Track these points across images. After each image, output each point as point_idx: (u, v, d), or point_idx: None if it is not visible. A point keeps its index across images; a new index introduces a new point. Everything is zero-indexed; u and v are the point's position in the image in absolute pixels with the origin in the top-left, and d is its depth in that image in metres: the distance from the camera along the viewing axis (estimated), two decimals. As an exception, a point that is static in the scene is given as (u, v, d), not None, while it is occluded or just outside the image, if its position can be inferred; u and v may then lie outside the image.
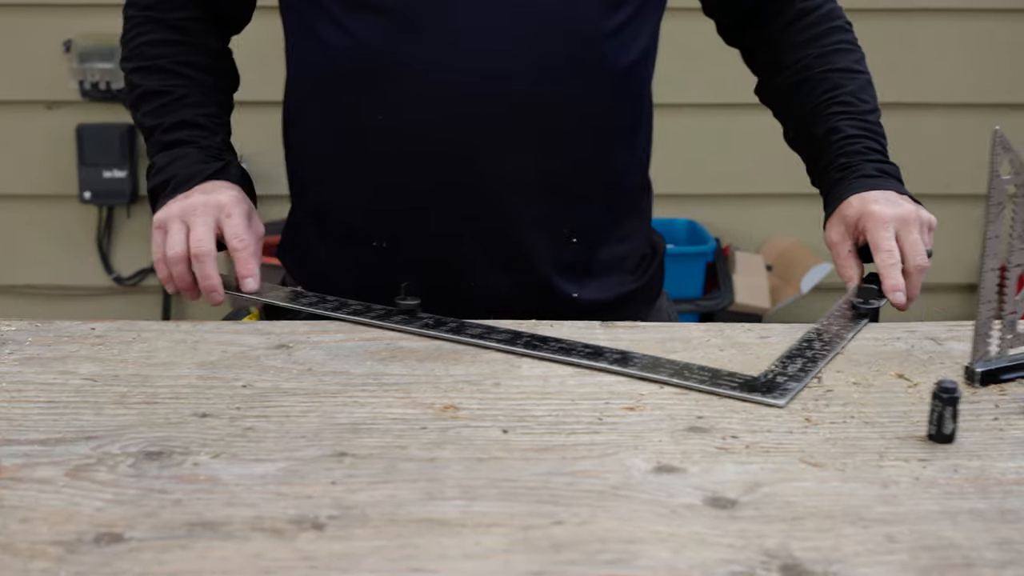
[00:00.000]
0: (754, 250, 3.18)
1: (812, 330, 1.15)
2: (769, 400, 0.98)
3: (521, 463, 0.86)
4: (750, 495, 0.82)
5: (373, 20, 1.22)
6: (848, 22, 1.42)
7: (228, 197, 1.25)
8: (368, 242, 1.29)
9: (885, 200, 1.26)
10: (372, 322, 1.17)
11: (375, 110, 1.24)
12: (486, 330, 1.13)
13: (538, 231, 1.27)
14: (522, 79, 1.22)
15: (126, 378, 1.02)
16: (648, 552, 0.74)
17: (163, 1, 1.36)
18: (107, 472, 0.84)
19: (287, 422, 0.93)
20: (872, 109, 1.36)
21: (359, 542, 0.75)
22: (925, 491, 0.83)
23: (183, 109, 1.33)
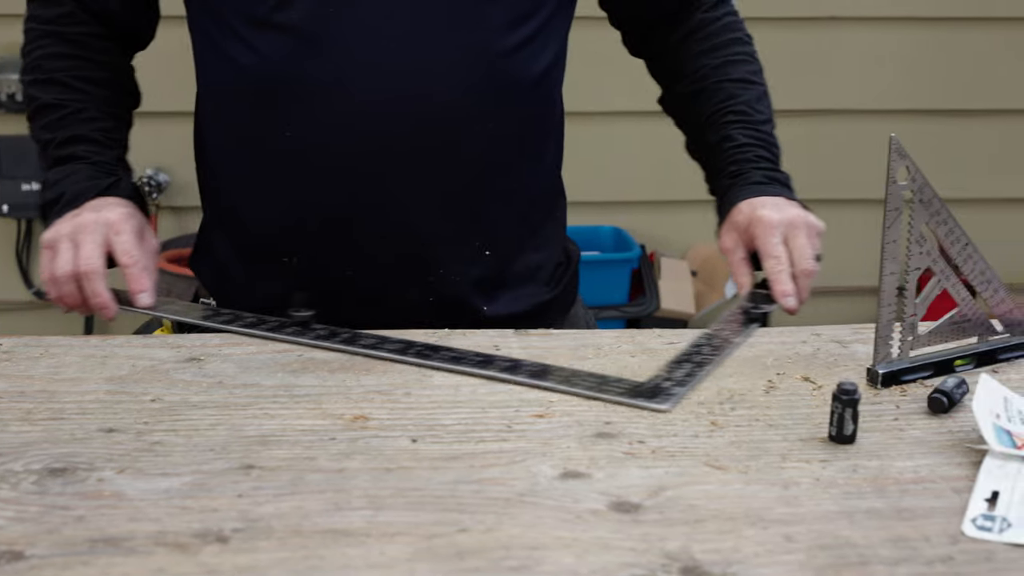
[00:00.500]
0: (679, 256, 3.21)
1: (703, 335, 1.17)
2: (653, 405, 0.99)
3: (429, 472, 0.87)
4: (654, 499, 0.83)
5: (277, 38, 1.23)
6: (748, 35, 1.44)
7: (117, 214, 1.24)
8: (279, 258, 1.29)
9: (773, 206, 1.27)
10: (264, 334, 1.16)
11: (281, 127, 1.24)
12: (379, 340, 1.13)
13: (449, 246, 1.28)
14: (425, 96, 1.23)
15: (32, 394, 1.01)
16: (551, 558, 0.75)
17: (63, 15, 1.34)
18: (9, 490, 0.83)
19: (195, 435, 0.93)
20: (766, 120, 1.37)
21: (263, 554, 0.75)
22: (824, 491, 0.85)
23: (77, 124, 1.31)
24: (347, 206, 1.25)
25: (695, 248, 3.21)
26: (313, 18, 1.21)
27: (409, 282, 1.28)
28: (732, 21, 1.43)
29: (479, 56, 1.25)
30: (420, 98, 1.22)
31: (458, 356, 1.09)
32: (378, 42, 1.21)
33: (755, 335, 1.18)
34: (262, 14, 1.23)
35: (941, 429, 0.97)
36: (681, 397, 1.01)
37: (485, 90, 1.25)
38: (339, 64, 1.21)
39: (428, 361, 1.08)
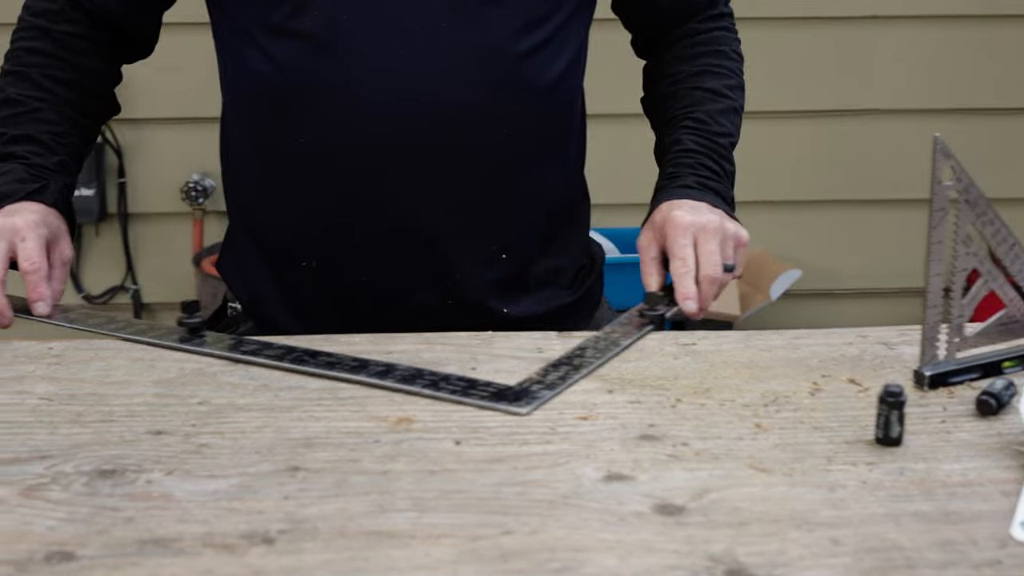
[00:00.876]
0: (723, 258, 3.20)
1: (591, 337, 1.16)
2: (513, 408, 0.98)
3: (473, 474, 0.87)
4: (698, 501, 0.83)
5: (292, 45, 1.25)
6: (737, 52, 1.44)
7: (25, 220, 1.23)
8: (299, 262, 1.31)
9: (690, 208, 1.26)
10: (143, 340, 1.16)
11: (295, 133, 1.26)
12: (261, 346, 1.13)
13: (463, 249, 1.29)
14: (437, 100, 1.24)
15: (82, 397, 1.02)
16: (595, 560, 0.75)
17: (53, 11, 1.35)
18: (60, 491, 0.85)
19: (241, 438, 0.94)
20: (724, 133, 1.35)
21: (309, 555, 0.76)
22: (871, 494, 0.85)
23: (31, 123, 1.31)
24: (362, 211, 1.27)
25: (739, 250, 3.19)
26: (326, 25, 1.23)
27: (426, 286, 1.29)
28: (722, 36, 1.43)
29: (492, 60, 1.25)
30: (432, 103, 1.24)
31: (333, 361, 1.08)
32: (390, 48, 1.23)
33: (800, 337, 1.17)
34: (277, 21, 1.25)
35: (989, 431, 0.96)
36: (546, 401, 1.00)
37: (499, 94, 1.26)
38: (352, 70, 1.23)
39: (303, 367, 1.07)
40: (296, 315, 1.33)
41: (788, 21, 3.01)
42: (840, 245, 3.18)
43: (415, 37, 1.23)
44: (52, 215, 1.28)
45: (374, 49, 1.23)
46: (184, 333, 1.16)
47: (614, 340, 1.15)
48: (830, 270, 3.18)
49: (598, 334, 1.17)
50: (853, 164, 3.12)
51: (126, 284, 3.07)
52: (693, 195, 1.28)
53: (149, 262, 3.07)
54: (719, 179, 1.32)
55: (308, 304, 1.33)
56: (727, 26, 1.44)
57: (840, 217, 3.17)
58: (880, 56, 3.07)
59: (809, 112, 3.09)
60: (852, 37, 3.04)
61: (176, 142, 2.98)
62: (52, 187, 1.29)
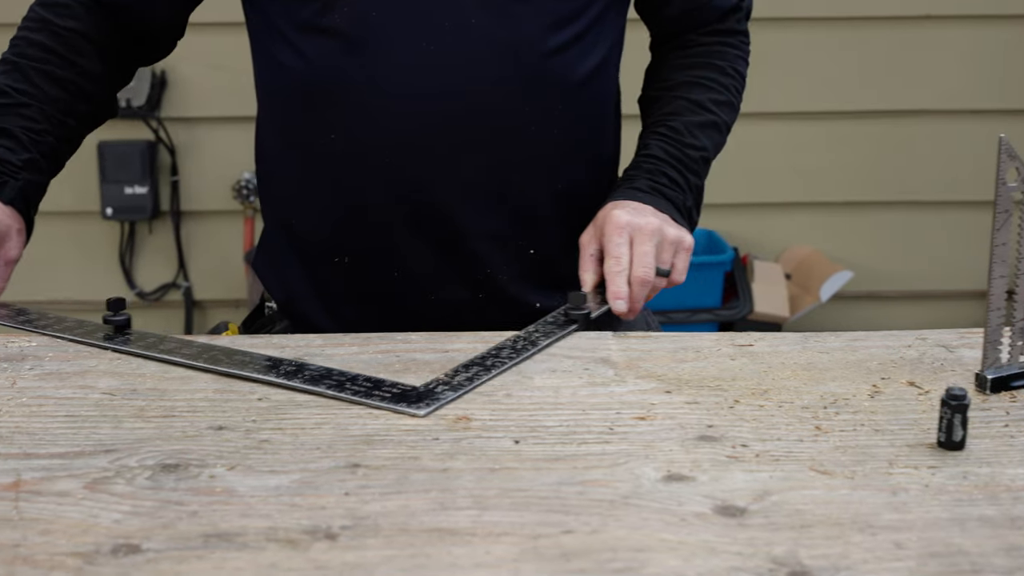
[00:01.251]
0: (773, 259, 3.18)
1: (509, 337, 1.15)
2: (411, 411, 0.97)
3: (532, 473, 0.87)
4: (759, 503, 0.83)
5: (322, 41, 1.25)
6: (736, 71, 1.42)
7: None
8: (330, 259, 1.31)
9: (633, 209, 1.25)
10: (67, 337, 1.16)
11: (325, 130, 1.27)
12: (180, 344, 1.13)
13: (492, 245, 1.30)
14: (466, 97, 1.25)
15: (144, 392, 1.03)
16: (657, 560, 0.75)
17: (59, 5, 1.34)
18: (125, 484, 0.86)
19: (301, 434, 0.94)
20: (697, 146, 1.35)
21: (371, 552, 0.76)
22: (934, 498, 0.84)
23: (11, 116, 1.30)
24: (392, 207, 1.27)
25: (789, 251, 3.17)
26: (356, 21, 1.24)
27: (457, 280, 1.30)
28: (724, 51, 1.41)
29: (522, 56, 1.26)
30: (462, 99, 1.24)
31: (245, 360, 1.08)
32: (419, 44, 1.24)
33: (859, 339, 1.16)
34: (307, 18, 1.25)
35: (1054, 436, 0.95)
36: (448, 402, 0.99)
37: (529, 90, 1.26)
38: (381, 66, 1.24)
39: (216, 367, 1.07)
40: (330, 313, 1.34)
41: (840, 21, 2.99)
42: (892, 247, 3.15)
43: (444, 33, 1.24)
44: (5, 212, 1.27)
45: (403, 45, 1.24)
46: (109, 331, 1.17)
47: (533, 340, 1.14)
48: (882, 272, 3.16)
49: (518, 334, 1.16)
50: (905, 165, 3.09)
51: (178, 281, 3.11)
52: (640, 198, 1.28)
53: (201, 259, 3.11)
54: (676, 188, 1.32)
55: (341, 301, 1.34)
56: (734, 43, 1.43)
57: (892, 219, 3.14)
58: (933, 56, 3.04)
59: (861, 113, 3.06)
60: (905, 37, 3.02)
61: (228, 141, 3.00)
62: (12, 184, 1.28)
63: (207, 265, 3.11)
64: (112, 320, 1.17)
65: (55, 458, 0.90)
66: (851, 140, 3.07)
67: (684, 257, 1.26)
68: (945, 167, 3.09)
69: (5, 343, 1.15)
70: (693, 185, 1.34)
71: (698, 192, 1.36)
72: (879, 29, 3.01)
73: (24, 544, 0.77)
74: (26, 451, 0.91)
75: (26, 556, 0.76)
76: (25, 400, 1.02)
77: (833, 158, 3.09)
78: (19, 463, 0.89)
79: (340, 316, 1.34)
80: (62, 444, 0.93)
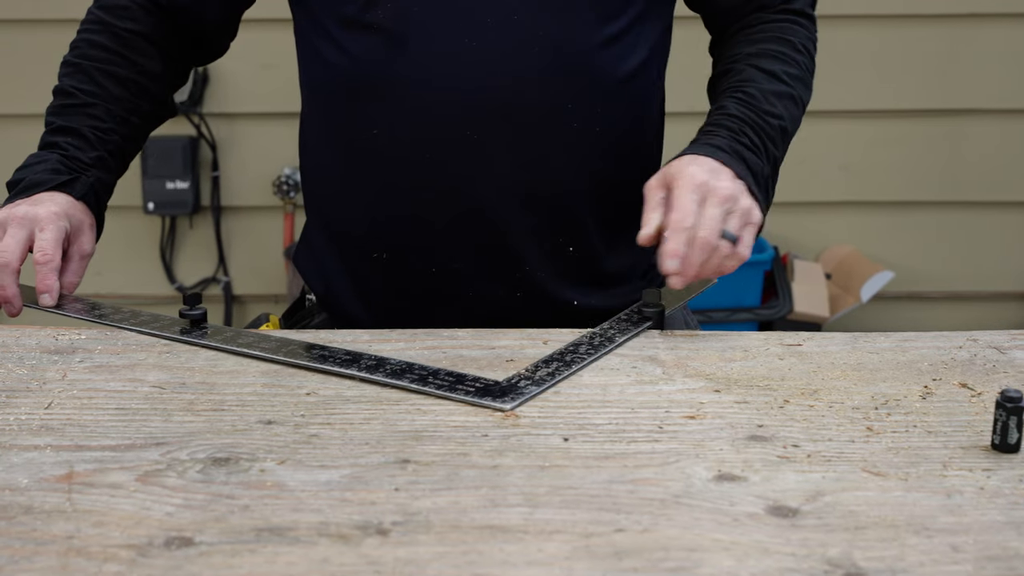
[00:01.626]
0: (813, 258, 3.16)
1: (585, 334, 1.14)
2: (496, 404, 0.97)
3: (582, 471, 0.87)
4: (812, 504, 0.82)
5: (366, 38, 1.26)
6: (806, 48, 1.34)
7: (47, 211, 1.25)
8: (369, 253, 1.32)
9: (709, 170, 1.16)
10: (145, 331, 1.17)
11: (369, 125, 1.27)
12: (258, 339, 1.13)
13: (530, 242, 1.29)
14: (508, 93, 1.24)
15: (193, 386, 1.04)
16: (711, 560, 0.74)
17: (120, 7, 1.38)
18: (176, 478, 0.86)
19: (350, 429, 0.94)
20: (775, 114, 1.25)
21: (423, 548, 0.76)
22: (990, 501, 0.83)
23: (79, 116, 1.34)
24: (432, 203, 1.27)
25: (830, 250, 3.15)
26: (398, 17, 1.24)
27: (495, 277, 1.29)
28: (792, 28, 1.34)
29: (564, 53, 1.25)
30: (503, 96, 1.24)
31: (326, 355, 1.08)
32: (461, 40, 1.23)
33: (909, 339, 1.15)
34: (351, 14, 1.26)
35: (1111, 440, 0.93)
36: (532, 397, 0.99)
37: (571, 88, 1.25)
38: (422, 62, 1.24)
39: (297, 360, 1.07)
40: (368, 306, 1.35)
41: (887, 19, 2.97)
42: (934, 247, 3.12)
43: (486, 30, 1.24)
44: (78, 208, 1.30)
45: (445, 42, 1.24)
46: (185, 325, 1.18)
47: (609, 337, 1.14)
48: (923, 272, 3.13)
49: (593, 331, 1.15)
50: (950, 165, 3.06)
51: (218, 276, 3.12)
52: (720, 156, 1.19)
53: (241, 255, 3.12)
54: (757, 154, 1.22)
55: (379, 296, 1.35)
56: (803, 23, 1.36)
57: (935, 218, 3.11)
58: (981, 54, 3.00)
59: (906, 111, 3.04)
60: (952, 35, 2.99)
61: (269, 136, 3.02)
62: (83, 181, 1.32)
63: (247, 260, 3.12)
64: (188, 314, 1.18)
65: (107, 450, 0.91)
66: (896, 139, 3.05)
67: (751, 231, 1.17)
68: (992, 166, 3.05)
69: (55, 335, 1.16)
70: (771, 156, 1.24)
71: (775, 166, 1.26)
72: (925, 27, 2.98)
73: (78, 536, 0.78)
74: (78, 443, 0.92)
75: (80, 548, 0.76)
76: (76, 392, 1.02)
77: (877, 157, 3.06)
78: (71, 455, 0.90)
79: (378, 310, 1.34)
80: (113, 436, 0.93)
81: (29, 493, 0.84)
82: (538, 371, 1.05)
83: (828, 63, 2.94)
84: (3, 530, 0.78)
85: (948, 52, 3.00)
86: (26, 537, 0.77)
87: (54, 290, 1.24)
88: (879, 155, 3.06)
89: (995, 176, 3.06)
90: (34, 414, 0.98)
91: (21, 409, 0.99)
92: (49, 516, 0.80)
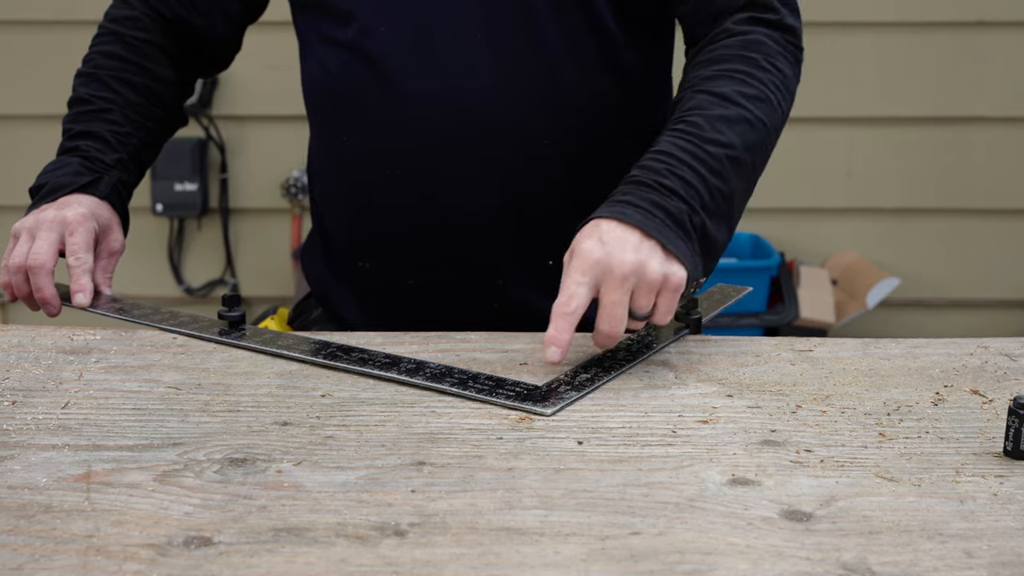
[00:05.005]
0: (819, 264, 3.16)
1: (623, 339, 1.15)
2: (537, 408, 0.98)
3: (597, 474, 0.87)
4: (826, 509, 0.82)
5: (339, 53, 1.29)
6: (774, 65, 1.21)
7: (75, 214, 1.27)
8: (355, 262, 1.34)
9: (609, 240, 1.05)
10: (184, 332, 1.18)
11: (349, 139, 1.30)
12: (297, 340, 1.14)
13: (507, 255, 1.30)
14: (480, 112, 1.25)
15: (209, 387, 1.05)
16: (726, 564, 0.75)
17: (129, 18, 1.40)
18: (194, 478, 0.87)
19: (366, 431, 0.95)
20: (720, 142, 1.13)
21: (440, 549, 0.76)
22: (1003, 507, 0.83)
23: (97, 121, 1.36)
24: (406, 217, 1.30)
25: (835, 256, 3.16)
26: (366, 36, 1.26)
27: (472, 288, 1.30)
28: (756, 41, 1.21)
29: (531, 69, 1.25)
30: (474, 114, 1.25)
31: (365, 357, 1.09)
32: (425, 60, 1.25)
33: (920, 346, 1.16)
34: (327, 31, 1.30)
35: (1122, 447, 0.93)
36: (572, 402, 1.00)
37: (537, 106, 1.26)
38: (390, 80, 1.26)
39: (336, 363, 1.08)
40: (360, 307, 1.38)
41: (891, 27, 2.97)
42: (940, 254, 3.13)
43: (455, 50, 1.25)
44: (103, 208, 1.32)
45: (410, 61, 1.26)
46: (224, 326, 1.19)
47: (647, 343, 1.15)
48: (929, 279, 3.13)
49: (630, 337, 1.16)
50: (957, 172, 3.07)
51: (225, 278, 3.13)
52: (629, 216, 1.07)
53: (248, 257, 3.13)
54: (688, 197, 1.10)
55: (369, 301, 1.38)
56: (774, 36, 1.23)
57: (941, 226, 3.11)
58: (986, 62, 3.01)
59: (912, 119, 3.04)
60: (957, 42, 2.99)
61: (277, 139, 3.03)
62: (106, 181, 1.33)
63: (254, 262, 3.13)
64: (227, 316, 1.19)
65: (124, 450, 0.91)
66: (902, 146, 3.05)
67: (669, 297, 1.07)
68: (998, 174, 3.06)
69: (71, 336, 1.17)
70: (715, 189, 1.11)
71: (723, 198, 1.13)
72: (930, 35, 2.98)
73: (97, 535, 0.78)
74: (95, 443, 0.93)
75: (100, 547, 0.77)
76: (92, 393, 1.03)
77: (883, 164, 3.07)
78: (89, 455, 0.90)
79: (368, 312, 1.36)
80: (130, 436, 0.94)
81: (48, 492, 0.84)
82: (577, 376, 1.05)
83: (833, 70, 2.96)
84: (23, 529, 0.79)
85: (953, 59, 3.00)
86: (46, 536, 0.78)
87: (86, 290, 1.26)
88: (884, 162, 3.07)
89: (1000, 183, 3.06)
90: (51, 414, 0.98)
91: (38, 409, 0.99)
92: (68, 515, 0.81)
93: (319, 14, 1.31)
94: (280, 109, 2.98)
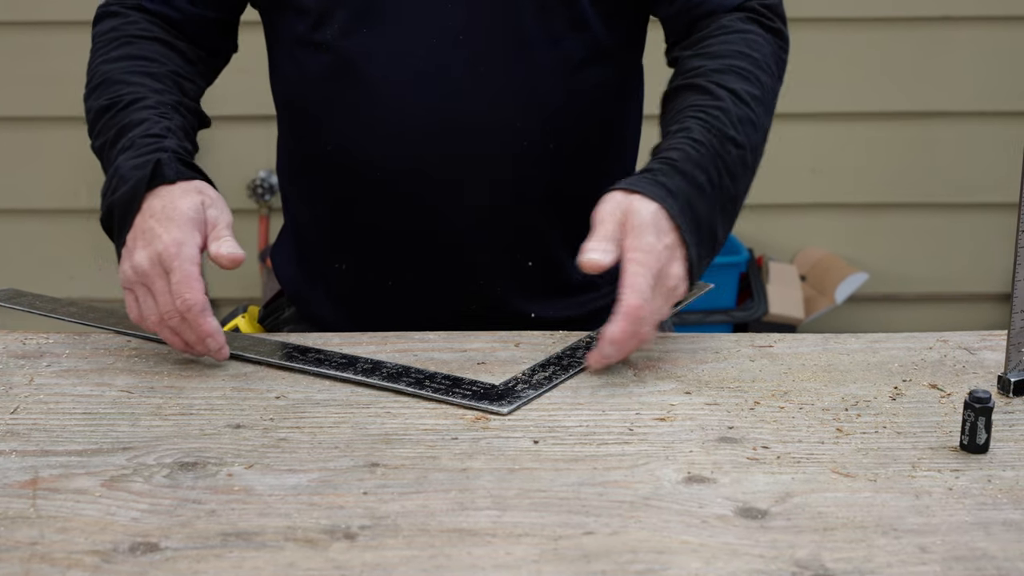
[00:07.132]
0: (788, 260, 3.17)
1: (583, 337, 1.14)
2: (494, 408, 0.97)
3: (552, 473, 0.87)
4: (781, 505, 0.82)
5: (315, 55, 1.26)
6: (769, 67, 1.21)
7: (170, 238, 1.08)
8: (331, 263, 1.33)
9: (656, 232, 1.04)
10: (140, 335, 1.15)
11: (323, 141, 1.28)
12: (253, 342, 1.13)
13: (485, 256, 1.29)
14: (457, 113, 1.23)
15: (161, 390, 1.03)
16: (679, 562, 0.74)
17: (125, 23, 1.30)
18: (143, 483, 0.85)
19: (320, 433, 0.94)
20: (738, 142, 1.13)
21: (391, 552, 0.76)
22: (958, 502, 0.83)
23: (130, 112, 1.20)
24: (382, 218, 1.28)
25: (804, 252, 3.16)
26: (345, 38, 1.24)
27: (451, 289, 1.29)
28: (756, 41, 1.21)
29: (510, 71, 1.24)
30: (451, 115, 1.24)
31: (321, 358, 1.08)
32: (408, 61, 1.23)
33: (879, 340, 1.15)
34: (303, 32, 1.27)
35: (1078, 440, 0.94)
36: (529, 401, 1.00)
37: (519, 105, 1.24)
38: (368, 83, 1.24)
39: (291, 364, 1.07)
40: (333, 306, 1.36)
41: (857, 22, 2.98)
42: (908, 249, 3.14)
43: (434, 51, 1.24)
44: (184, 192, 1.13)
45: (389, 64, 1.24)
46: None
47: None
48: (897, 274, 3.14)
49: (591, 334, 1.15)
50: (923, 167, 3.08)
51: (192, 280, 3.10)
52: (669, 207, 1.06)
53: (215, 258, 3.10)
54: (712, 196, 1.11)
55: (344, 301, 1.35)
56: (767, 38, 1.23)
57: (909, 221, 3.12)
58: (952, 57, 3.02)
59: (878, 114, 3.05)
60: (924, 38, 3.00)
61: (244, 140, 3.00)
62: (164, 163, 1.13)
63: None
64: None
65: (72, 455, 0.90)
66: (869, 141, 3.06)
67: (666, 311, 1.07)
68: (964, 169, 3.07)
69: (23, 340, 1.15)
70: (726, 190, 1.12)
71: (732, 199, 1.13)
72: (897, 30, 2.99)
73: (41, 542, 0.77)
74: (44, 448, 0.91)
75: (43, 554, 0.76)
76: (43, 397, 1.01)
77: (850, 159, 3.07)
78: (37, 460, 0.89)
79: (343, 314, 1.35)
80: (79, 442, 0.92)
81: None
82: (535, 375, 1.05)
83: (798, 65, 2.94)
84: (-34, 537, 0.77)
85: (919, 54, 3.01)
86: (-11, 544, 0.77)
87: (217, 334, 1.07)
88: (850, 157, 3.07)
89: (966, 178, 3.07)
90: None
91: (-14, 414, 0.98)
92: (12, 522, 0.79)
93: (293, 15, 1.28)
94: (246, 110, 2.96)
